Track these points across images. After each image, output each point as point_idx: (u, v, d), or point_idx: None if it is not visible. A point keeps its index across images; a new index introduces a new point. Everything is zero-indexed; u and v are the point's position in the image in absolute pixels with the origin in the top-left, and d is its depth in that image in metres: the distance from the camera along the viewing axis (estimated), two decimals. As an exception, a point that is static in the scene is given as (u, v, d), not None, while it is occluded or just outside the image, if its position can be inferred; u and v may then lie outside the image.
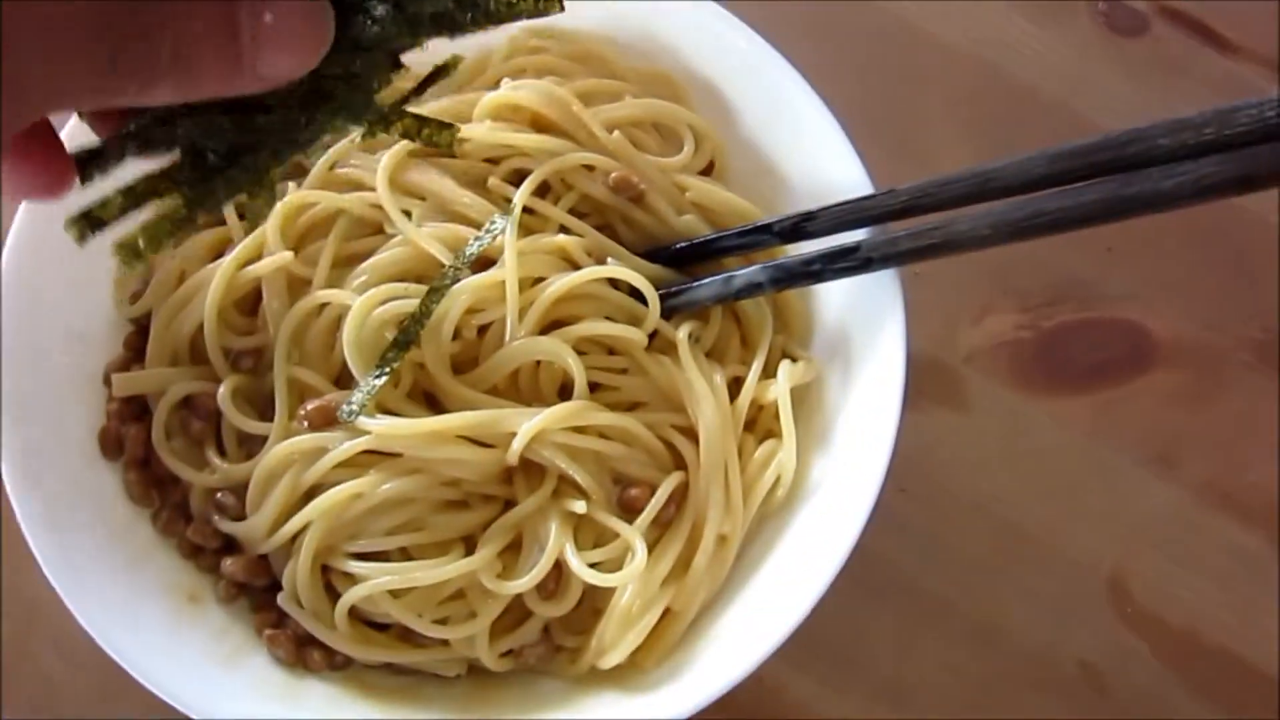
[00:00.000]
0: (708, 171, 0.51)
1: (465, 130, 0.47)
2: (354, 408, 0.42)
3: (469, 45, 0.31)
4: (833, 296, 0.48)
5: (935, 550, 0.54)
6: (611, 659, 0.42)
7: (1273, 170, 0.37)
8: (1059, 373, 0.57)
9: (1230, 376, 0.58)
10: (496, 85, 0.48)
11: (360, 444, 0.42)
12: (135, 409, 0.46)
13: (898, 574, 0.53)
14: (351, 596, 0.42)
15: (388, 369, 0.43)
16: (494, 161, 0.48)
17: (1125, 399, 0.57)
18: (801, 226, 0.46)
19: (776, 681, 0.51)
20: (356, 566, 0.42)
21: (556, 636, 0.45)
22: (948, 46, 0.64)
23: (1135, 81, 0.64)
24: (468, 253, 0.44)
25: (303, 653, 0.43)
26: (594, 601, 0.44)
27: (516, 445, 0.43)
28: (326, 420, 0.43)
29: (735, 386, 0.47)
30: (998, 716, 0.52)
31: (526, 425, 0.42)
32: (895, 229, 0.44)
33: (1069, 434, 0.57)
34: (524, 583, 0.42)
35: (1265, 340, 0.59)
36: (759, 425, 0.48)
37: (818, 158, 0.48)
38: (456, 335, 0.44)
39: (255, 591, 0.45)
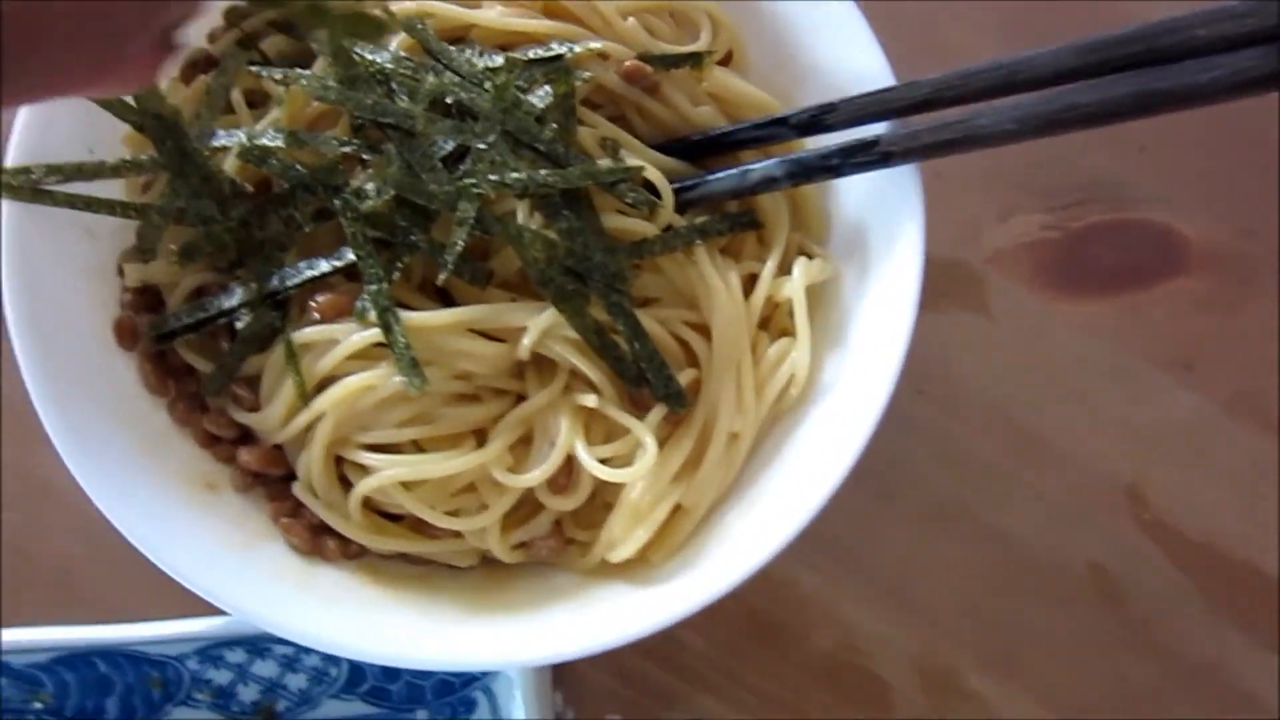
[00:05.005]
0: (725, 62, 0.50)
1: (474, 15, 0.46)
2: (367, 302, 0.42)
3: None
4: (851, 193, 0.47)
5: (949, 453, 0.54)
6: (621, 553, 0.43)
7: (1314, 63, 0.35)
8: (1084, 275, 0.56)
9: (1260, 284, 0.56)
10: (508, -29, 0.47)
11: (371, 336, 0.42)
12: (150, 300, 0.46)
13: (911, 475, 0.53)
14: (363, 488, 0.42)
15: (399, 264, 0.42)
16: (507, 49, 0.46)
17: (1151, 304, 0.56)
18: (820, 119, 0.45)
19: (785, 578, 0.52)
20: (369, 458, 0.43)
21: (568, 530, 0.45)
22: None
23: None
24: None
25: (318, 541, 0.44)
26: (604, 496, 0.45)
27: (527, 340, 0.42)
28: (338, 312, 0.43)
29: (751, 283, 0.46)
30: (1004, 619, 0.52)
31: (536, 319, 0.42)
32: (916, 122, 0.43)
33: (1091, 338, 0.55)
34: (535, 476, 0.42)
35: (1299, 246, 0.57)
36: (774, 323, 0.47)
37: (838, 48, 0.46)
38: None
39: (271, 481, 0.45)
